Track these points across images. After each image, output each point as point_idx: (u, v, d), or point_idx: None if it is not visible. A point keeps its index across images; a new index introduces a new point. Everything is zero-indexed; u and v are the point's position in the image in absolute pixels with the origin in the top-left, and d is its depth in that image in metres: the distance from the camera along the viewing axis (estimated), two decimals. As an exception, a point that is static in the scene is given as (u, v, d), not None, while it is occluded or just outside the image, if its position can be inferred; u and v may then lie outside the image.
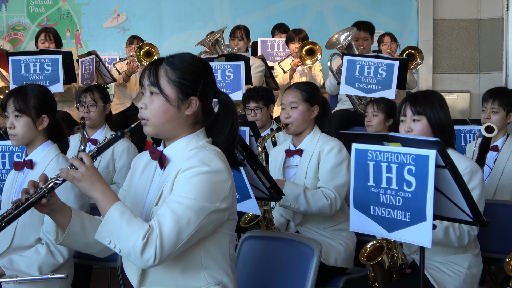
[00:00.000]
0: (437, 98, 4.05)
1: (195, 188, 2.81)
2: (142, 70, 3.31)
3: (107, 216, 2.77)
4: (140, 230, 2.70)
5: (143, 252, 2.69)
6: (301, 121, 4.77)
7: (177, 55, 3.05)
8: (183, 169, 2.86)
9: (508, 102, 5.64)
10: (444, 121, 4.00)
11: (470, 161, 4.00)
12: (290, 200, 4.51)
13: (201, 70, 3.04)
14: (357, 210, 3.36)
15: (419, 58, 8.86)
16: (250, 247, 3.97)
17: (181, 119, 3.00)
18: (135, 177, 3.18)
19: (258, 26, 11.06)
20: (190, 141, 3.02)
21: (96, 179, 2.84)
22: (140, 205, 3.05)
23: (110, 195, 2.83)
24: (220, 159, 2.91)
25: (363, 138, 3.32)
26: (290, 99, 4.79)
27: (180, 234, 2.75)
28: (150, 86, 2.98)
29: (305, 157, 4.75)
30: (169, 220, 2.74)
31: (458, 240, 3.89)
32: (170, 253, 2.75)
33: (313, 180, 4.67)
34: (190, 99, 2.99)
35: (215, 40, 8.28)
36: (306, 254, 3.67)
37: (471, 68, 11.16)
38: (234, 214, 3.07)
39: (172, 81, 2.96)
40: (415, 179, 3.07)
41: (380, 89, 7.11)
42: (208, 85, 3.06)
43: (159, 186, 2.97)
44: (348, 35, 7.95)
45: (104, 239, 2.77)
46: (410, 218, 3.12)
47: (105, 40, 11.52)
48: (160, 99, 2.96)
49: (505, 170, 5.58)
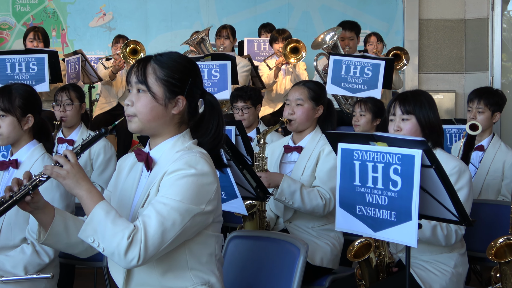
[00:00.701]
0: (426, 98, 4.06)
1: (181, 190, 2.80)
2: (129, 68, 3.28)
3: (91, 214, 2.75)
4: (125, 229, 2.69)
5: (127, 252, 2.68)
6: (304, 119, 4.78)
7: (165, 54, 3.04)
8: (170, 171, 2.85)
9: (494, 102, 5.65)
10: (433, 121, 4.02)
11: (458, 161, 4.01)
12: (286, 195, 4.50)
13: (189, 69, 3.04)
14: (343, 209, 3.36)
15: (404, 59, 8.89)
16: (236, 247, 3.97)
17: (167, 117, 2.99)
18: (121, 179, 3.17)
19: (244, 25, 11.05)
20: (176, 142, 3.01)
21: (81, 177, 2.82)
22: (126, 206, 3.03)
23: (96, 193, 2.82)
24: (206, 161, 2.90)
25: (349, 138, 3.33)
26: (296, 95, 4.80)
27: (165, 235, 2.74)
28: (138, 84, 2.97)
29: (304, 154, 4.76)
30: (154, 221, 2.73)
31: (445, 239, 3.90)
32: (154, 254, 2.74)
33: (309, 178, 4.68)
34: (177, 98, 2.98)
35: (200, 39, 8.27)
36: (293, 253, 3.67)
37: (456, 68, 11.19)
38: (219, 216, 3.07)
39: (160, 79, 2.95)
40: (400, 179, 3.07)
41: (366, 89, 7.13)
42: (196, 85, 3.05)
43: (146, 188, 2.96)
44: (333, 35, 7.97)
45: (88, 237, 2.75)
46: (395, 218, 3.12)
47: (91, 39, 11.48)
48: (147, 97, 2.95)
49: (491, 170, 5.61)
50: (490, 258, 3.86)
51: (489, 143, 5.71)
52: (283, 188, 4.49)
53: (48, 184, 2.91)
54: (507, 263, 3.81)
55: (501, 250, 3.90)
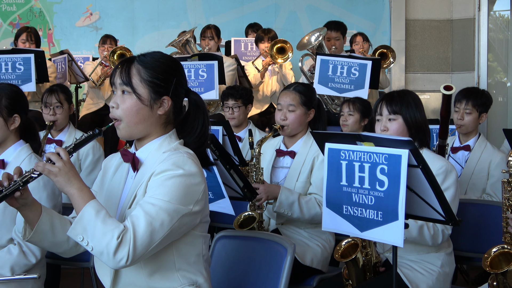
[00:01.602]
0: (413, 98, 4.07)
1: (169, 191, 2.80)
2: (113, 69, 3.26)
3: (82, 213, 2.74)
4: (115, 229, 2.69)
5: (116, 252, 2.67)
6: (297, 124, 4.77)
7: (148, 54, 3.03)
8: (157, 172, 2.85)
9: (481, 103, 5.69)
10: (420, 121, 4.03)
11: (444, 161, 4.02)
12: (284, 207, 4.51)
13: (174, 69, 3.04)
14: (329, 209, 3.36)
15: (391, 57, 8.88)
16: (223, 247, 3.97)
17: (153, 118, 2.99)
18: (107, 179, 3.16)
19: (231, 25, 11.06)
20: (162, 143, 3.01)
21: (73, 175, 2.81)
22: (113, 207, 3.02)
23: (87, 192, 2.81)
24: (193, 162, 2.90)
25: (336, 138, 3.33)
26: (288, 101, 4.78)
27: (153, 236, 2.74)
28: (122, 85, 2.96)
29: (298, 160, 4.75)
30: (142, 221, 2.73)
31: (432, 238, 3.91)
32: (143, 254, 2.74)
33: (304, 185, 4.67)
34: (162, 99, 2.98)
35: (185, 40, 8.25)
36: (280, 253, 3.68)
37: (443, 68, 11.22)
38: (206, 216, 3.07)
39: (145, 80, 2.94)
40: (387, 179, 3.08)
41: (353, 89, 7.15)
42: (180, 84, 3.05)
43: (133, 189, 2.96)
44: (318, 36, 7.97)
45: (77, 236, 2.74)
46: (382, 218, 3.13)
47: (77, 39, 11.45)
48: (132, 99, 2.94)
49: (476, 169, 5.64)
50: (487, 270, 3.86)
51: (475, 143, 5.74)
52: (281, 200, 4.50)
53: (35, 184, 2.90)
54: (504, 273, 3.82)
55: (495, 260, 3.91)
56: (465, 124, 5.70)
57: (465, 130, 5.74)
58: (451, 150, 5.83)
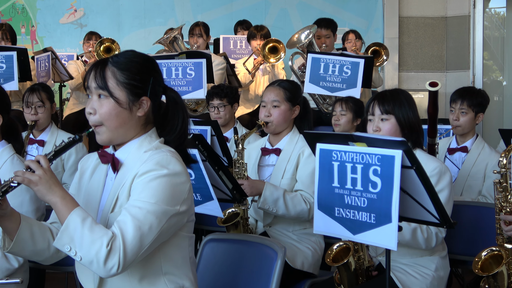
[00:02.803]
0: (405, 97, 4.07)
1: (155, 192, 2.78)
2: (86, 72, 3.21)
3: (67, 222, 2.71)
4: (104, 237, 2.66)
5: (107, 260, 2.65)
6: (281, 120, 4.78)
7: (121, 54, 2.99)
8: (141, 173, 2.83)
9: (477, 102, 5.67)
10: (413, 121, 4.03)
11: (438, 162, 4.03)
12: (269, 203, 4.50)
13: (149, 68, 3.01)
14: (321, 211, 3.36)
15: (384, 54, 8.87)
16: (212, 250, 3.97)
17: (134, 121, 2.96)
18: (84, 181, 3.13)
19: (220, 22, 11.06)
20: (142, 142, 2.99)
21: (54, 183, 2.78)
22: (92, 210, 2.99)
23: (70, 200, 2.78)
24: (177, 160, 2.89)
25: (327, 138, 3.32)
26: (272, 97, 4.79)
27: (143, 240, 2.72)
28: (98, 89, 2.91)
29: (283, 157, 4.75)
30: (131, 226, 2.71)
31: (425, 242, 3.91)
32: (133, 260, 2.72)
33: (290, 182, 4.68)
34: (141, 100, 2.95)
35: (173, 38, 8.23)
36: (270, 257, 3.68)
37: (437, 67, 11.25)
38: (192, 215, 3.05)
39: (121, 83, 2.90)
40: (380, 180, 3.07)
41: (345, 88, 7.12)
42: (158, 83, 3.02)
43: (114, 191, 2.93)
44: (308, 34, 7.97)
45: (64, 246, 2.71)
46: (375, 220, 3.13)
47: (61, 36, 11.43)
48: (110, 103, 2.90)
49: (472, 171, 5.62)
50: (476, 272, 3.88)
51: (472, 145, 5.73)
52: (265, 196, 4.49)
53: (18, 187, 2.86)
54: (494, 276, 3.84)
55: (486, 263, 3.93)
56: (461, 124, 5.68)
57: (461, 131, 5.72)
58: (447, 151, 5.82)
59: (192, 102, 7.76)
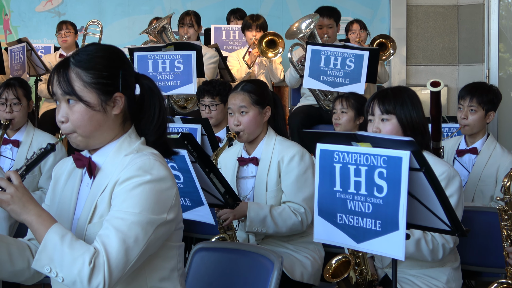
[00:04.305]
0: (409, 95, 4.06)
1: (139, 201, 2.75)
2: (48, 76, 3.15)
3: (45, 241, 2.68)
4: (85, 254, 2.63)
5: (90, 279, 2.62)
6: (253, 127, 4.69)
7: (81, 51, 2.94)
8: (122, 180, 2.80)
9: (488, 100, 5.58)
10: (416, 121, 4.01)
11: (447, 166, 4.02)
12: (256, 225, 4.48)
13: (116, 60, 2.97)
14: (321, 218, 3.35)
15: (391, 48, 8.87)
16: (202, 260, 3.97)
17: (110, 121, 2.93)
18: (58, 189, 3.11)
19: (211, 11, 11.04)
20: (121, 144, 2.96)
21: (27, 200, 2.76)
22: (66, 220, 2.97)
23: (46, 217, 2.75)
24: (161, 164, 2.86)
25: (328, 138, 3.32)
26: (238, 103, 4.69)
27: (129, 254, 2.69)
28: (65, 95, 2.88)
29: (262, 167, 4.70)
30: (114, 240, 2.68)
31: (431, 253, 3.91)
32: (120, 276, 2.69)
33: (276, 193, 4.64)
34: (114, 97, 2.92)
35: (161, 27, 8.21)
36: (266, 267, 3.68)
37: (449, 60, 11.25)
38: (180, 223, 3.04)
39: (89, 83, 2.86)
40: (386, 184, 3.07)
41: (348, 83, 7.11)
42: (128, 74, 2.99)
43: (91, 199, 2.90)
44: (310, 23, 7.95)
45: (44, 267, 2.68)
46: (380, 227, 3.13)
47: (37, 25, 11.40)
48: (80, 107, 2.86)
49: (484, 174, 5.56)
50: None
51: (483, 145, 5.66)
52: (251, 218, 4.47)
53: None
54: None
55: None
56: (470, 124, 5.59)
57: (469, 131, 5.65)
58: (456, 153, 5.76)
59: (181, 98, 7.76)
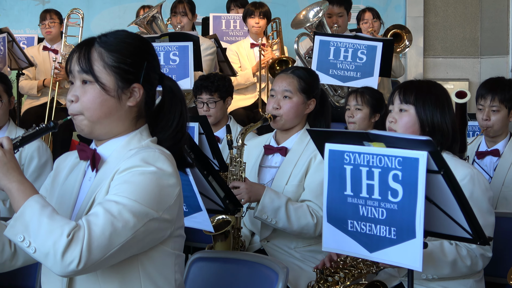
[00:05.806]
0: (436, 92, 4.04)
1: (136, 189, 2.75)
2: (69, 54, 3.20)
3: (23, 208, 2.67)
4: (65, 225, 2.61)
5: (65, 252, 2.58)
6: (293, 115, 4.74)
7: (110, 34, 3.00)
8: (122, 169, 2.81)
9: (510, 96, 5.51)
10: (438, 120, 3.99)
11: (470, 168, 4.00)
12: (268, 212, 4.46)
13: (143, 50, 3.02)
14: (331, 225, 3.36)
15: (406, 39, 8.88)
16: (200, 271, 3.97)
17: (122, 111, 2.96)
18: (58, 182, 3.13)
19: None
20: (131, 140, 2.99)
21: (12, 167, 2.77)
22: (65, 214, 2.96)
23: (29, 186, 2.76)
24: (167, 160, 2.87)
25: (338, 137, 3.32)
26: (284, 86, 4.75)
27: (113, 238, 2.67)
28: (82, 73, 2.91)
29: (290, 159, 4.72)
30: (101, 220, 2.66)
31: (470, 269, 3.92)
32: (98, 259, 2.64)
33: (295, 189, 4.64)
34: (132, 87, 2.95)
35: (151, 17, 8.19)
36: (269, 279, 3.68)
37: (470, 52, 11.24)
38: (180, 230, 3.03)
39: (109, 66, 2.91)
40: (402, 187, 3.07)
41: (360, 77, 7.10)
42: (153, 69, 3.04)
43: (91, 192, 2.92)
44: (318, 11, 7.95)
45: (17, 235, 2.65)
46: (396, 235, 3.13)
47: (19, 14, 11.42)
48: (95, 89, 2.90)
49: (508, 179, 5.49)
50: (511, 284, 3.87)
51: (506, 146, 5.59)
52: (264, 203, 4.46)
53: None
54: None
55: None
56: (493, 125, 5.51)
57: (493, 133, 5.58)
58: (476, 155, 5.71)
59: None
